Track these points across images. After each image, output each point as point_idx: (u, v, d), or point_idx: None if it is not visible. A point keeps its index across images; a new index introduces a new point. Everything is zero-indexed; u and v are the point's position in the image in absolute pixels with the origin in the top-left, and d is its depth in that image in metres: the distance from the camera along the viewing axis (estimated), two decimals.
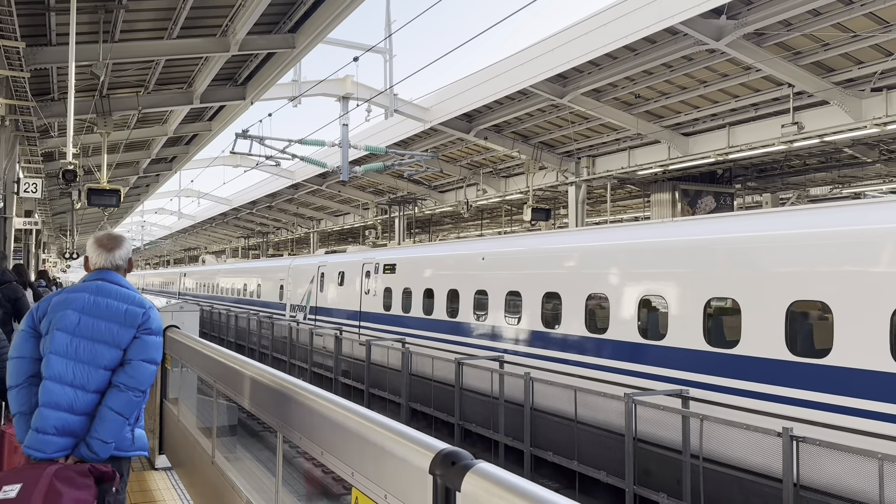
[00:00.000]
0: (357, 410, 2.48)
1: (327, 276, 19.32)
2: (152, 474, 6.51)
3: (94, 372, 2.90)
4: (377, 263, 16.38)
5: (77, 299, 2.97)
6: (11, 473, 2.75)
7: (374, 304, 16.29)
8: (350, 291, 17.67)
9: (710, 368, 7.81)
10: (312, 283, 20.18)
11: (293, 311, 21.52)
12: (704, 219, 11.54)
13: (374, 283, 16.34)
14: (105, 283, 3.07)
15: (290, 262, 23.26)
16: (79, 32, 10.00)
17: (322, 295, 19.50)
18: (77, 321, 2.91)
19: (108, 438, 2.85)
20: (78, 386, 2.86)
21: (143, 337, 3.02)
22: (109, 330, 2.95)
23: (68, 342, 2.88)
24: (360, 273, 17.17)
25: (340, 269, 18.62)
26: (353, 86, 18.79)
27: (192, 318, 6.44)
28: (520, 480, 1.60)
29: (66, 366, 2.86)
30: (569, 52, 14.51)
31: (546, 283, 10.87)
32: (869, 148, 16.54)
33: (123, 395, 2.90)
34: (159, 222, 59.53)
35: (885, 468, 5.59)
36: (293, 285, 21.92)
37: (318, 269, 20.02)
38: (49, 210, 28.50)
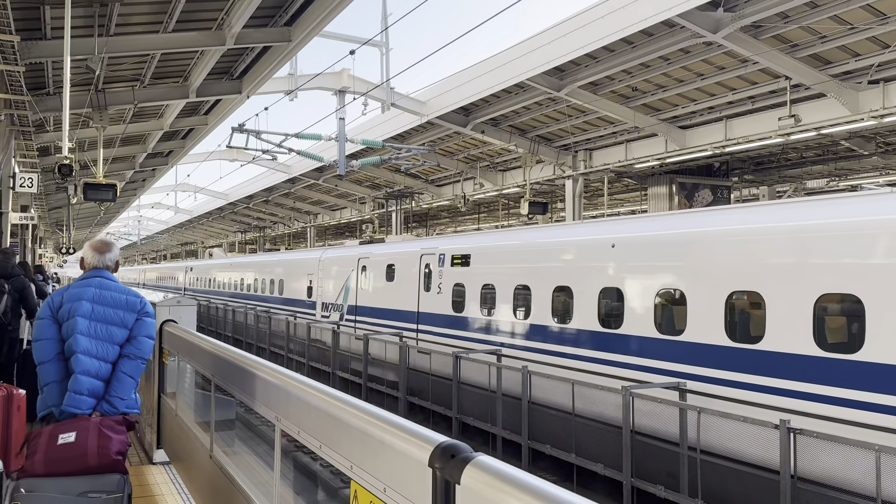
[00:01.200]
0: (356, 404, 2.48)
1: (371, 269, 16.81)
2: (150, 469, 6.51)
3: (111, 347, 3.73)
4: (442, 254, 13.79)
5: (87, 292, 3.77)
6: (63, 426, 3.42)
7: (438, 303, 13.72)
8: (404, 288, 15.06)
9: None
10: (351, 279, 17.61)
11: (326, 310, 19.01)
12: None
13: (438, 279, 13.77)
14: (103, 279, 3.90)
15: (321, 253, 20.40)
16: (74, 26, 9.95)
17: (364, 292, 16.96)
18: (91, 309, 3.72)
19: (124, 395, 3.69)
20: (100, 358, 3.68)
21: (143, 319, 3.90)
22: (117, 315, 3.80)
23: (88, 325, 3.68)
24: (418, 266, 14.55)
25: (389, 261, 16.05)
26: (350, 79, 18.74)
27: (189, 313, 6.43)
28: (520, 473, 1.60)
29: (91, 343, 3.66)
30: (566, 45, 14.49)
31: (738, 280, 7.97)
32: (866, 140, 16.56)
33: (133, 363, 3.77)
34: (156, 217, 59.44)
35: (881, 460, 5.61)
36: (325, 281, 19.34)
37: (357, 261, 17.41)
38: (45, 205, 28.41)
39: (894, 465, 5.58)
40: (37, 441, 3.37)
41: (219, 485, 4.20)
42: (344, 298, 18.00)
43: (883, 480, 5.61)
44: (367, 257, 17.17)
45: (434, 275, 13.88)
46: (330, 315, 18.53)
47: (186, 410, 5.69)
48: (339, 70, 18.82)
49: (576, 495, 1.45)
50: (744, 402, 7.37)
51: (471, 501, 1.69)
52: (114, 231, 69.37)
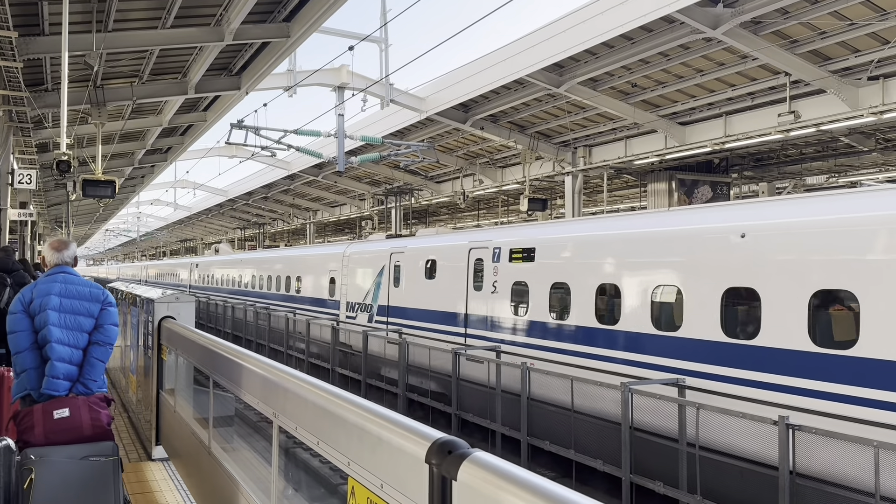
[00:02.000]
0: (353, 400, 2.48)
1: (407, 265, 14.95)
2: (149, 465, 6.51)
3: (80, 335, 4.11)
4: (497, 248, 12.00)
5: (54, 287, 4.12)
6: (54, 403, 3.87)
7: (492, 304, 11.96)
8: (448, 287, 13.25)
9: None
10: (382, 276, 15.79)
11: (352, 311, 17.11)
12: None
13: (492, 276, 11.93)
14: (67, 274, 4.24)
15: (345, 248, 18.40)
16: (72, 22, 9.92)
17: (398, 291, 15.15)
18: (59, 302, 4.08)
19: (96, 377, 4.11)
20: (72, 345, 4.05)
21: (107, 308, 4.25)
22: (83, 306, 4.16)
23: (59, 316, 4.05)
24: (467, 262, 12.74)
25: (429, 256, 14.19)
26: (349, 75, 18.72)
27: (187, 309, 6.43)
28: (516, 469, 1.60)
29: (62, 332, 4.03)
30: (565, 41, 14.47)
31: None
32: (865, 137, 16.55)
33: (102, 348, 4.17)
34: (155, 213, 59.38)
35: (880, 455, 5.61)
36: (351, 278, 17.46)
37: (390, 256, 15.60)
38: (44, 202, 28.37)
39: (893, 461, 5.59)
40: (30, 417, 3.81)
41: (217, 481, 4.20)
42: (373, 298, 16.09)
43: (882, 476, 5.61)
44: (401, 252, 15.24)
45: (487, 271, 12.06)
46: (357, 316, 16.66)
47: (185, 407, 5.69)
48: (338, 66, 18.79)
49: (571, 491, 1.44)
50: (745, 398, 7.37)
51: (467, 497, 1.69)
52: (113, 228, 69.44)
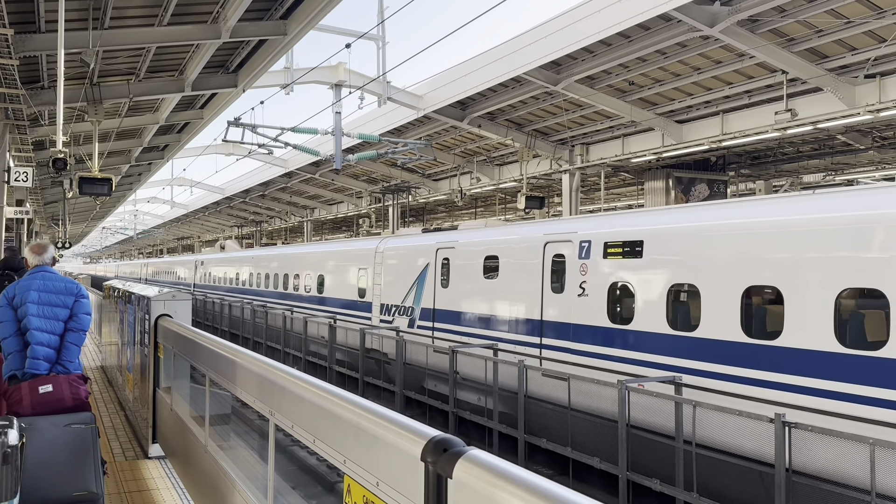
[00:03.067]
0: (348, 398, 2.48)
1: (457, 263, 13.16)
2: (145, 463, 6.51)
3: (57, 323, 4.78)
4: (585, 241, 10.05)
5: (34, 283, 4.82)
6: (39, 381, 4.50)
7: (580, 310, 9.99)
8: (515, 288, 11.51)
9: None
10: (426, 275, 14.01)
11: (388, 313, 15.35)
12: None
13: (579, 275, 10.08)
14: (45, 272, 4.95)
15: (378, 243, 16.53)
16: (68, 19, 9.90)
17: (447, 293, 13.32)
18: (38, 296, 4.76)
19: (72, 359, 4.78)
20: (50, 332, 4.72)
21: (80, 300, 4.92)
22: (59, 298, 4.84)
23: (38, 308, 4.74)
24: (541, 258, 10.92)
25: (489, 251, 12.35)
26: (346, 73, 18.70)
27: (184, 307, 6.42)
28: (511, 466, 1.60)
29: (41, 321, 4.72)
30: (562, 39, 14.47)
31: None
32: (862, 135, 16.56)
33: (76, 334, 4.83)
34: (152, 211, 59.27)
35: (875, 453, 5.63)
36: (386, 277, 15.65)
37: (435, 252, 13.78)
38: (41, 199, 28.33)
39: (888, 458, 5.60)
40: (18, 392, 4.46)
41: (214, 479, 4.20)
42: (415, 300, 14.30)
43: (877, 473, 5.62)
44: (450, 247, 13.47)
45: (570, 270, 10.21)
46: (394, 320, 14.91)
47: (181, 405, 5.69)
48: (336, 64, 18.76)
49: (566, 488, 1.44)
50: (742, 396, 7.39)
51: (462, 495, 1.69)
52: (110, 225, 69.28)
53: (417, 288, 14.31)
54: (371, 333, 14.08)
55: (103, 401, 9.55)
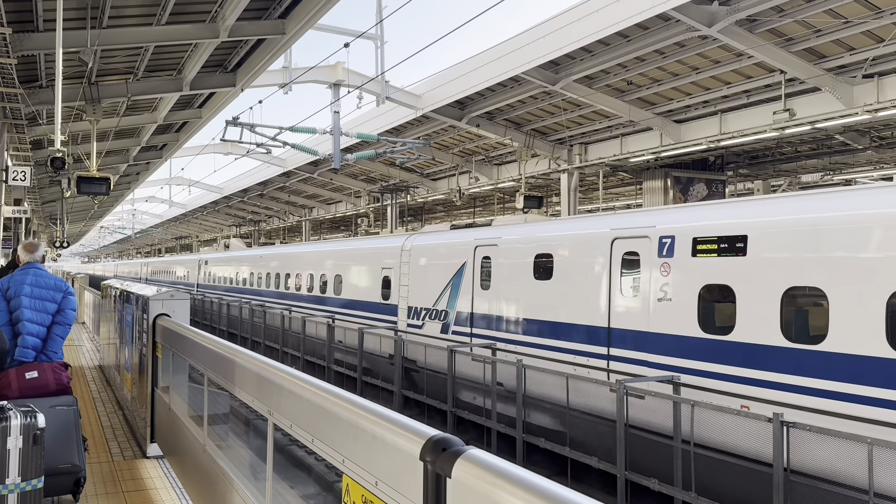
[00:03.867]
0: (347, 397, 2.47)
1: (501, 262, 11.82)
2: (143, 462, 6.50)
3: (46, 316, 5.38)
4: (667, 237, 8.71)
5: (26, 279, 5.40)
6: (25, 368, 5.05)
7: (659, 316, 8.66)
8: (574, 291, 10.16)
9: None
10: (463, 275, 12.65)
11: (416, 317, 13.96)
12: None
13: (660, 276, 8.71)
14: (37, 269, 5.53)
15: (405, 240, 15.07)
16: (66, 18, 9.88)
17: (488, 295, 11.99)
18: (30, 290, 5.36)
19: (56, 350, 5.41)
20: (39, 323, 5.33)
21: (67, 297, 5.50)
22: (49, 293, 5.43)
23: (30, 301, 5.33)
24: (608, 256, 9.59)
25: (541, 249, 11.01)
26: (345, 72, 18.69)
27: (182, 307, 6.42)
28: (510, 466, 1.60)
29: (32, 313, 5.32)
30: (561, 39, 14.48)
31: None
32: (860, 135, 16.58)
33: (62, 327, 5.45)
34: (150, 211, 59.25)
35: (874, 452, 5.64)
36: (414, 277, 14.29)
37: (474, 250, 12.46)
38: (39, 198, 28.28)
39: (886, 458, 5.61)
40: (6, 378, 4.94)
41: (212, 479, 4.20)
42: (449, 302, 12.92)
43: (875, 473, 5.63)
44: (491, 244, 12.12)
45: (648, 270, 8.90)
46: (423, 324, 13.62)
47: (180, 404, 5.69)
48: (334, 63, 18.76)
49: (565, 487, 1.45)
50: (740, 395, 7.39)
51: (461, 495, 1.69)
52: (108, 225, 69.21)
53: (452, 290, 12.93)
54: (405, 340, 13.01)
55: (101, 400, 9.53)
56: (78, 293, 26.79)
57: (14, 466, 3.94)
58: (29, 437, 4.02)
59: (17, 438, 3.97)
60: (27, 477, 4.00)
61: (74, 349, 15.29)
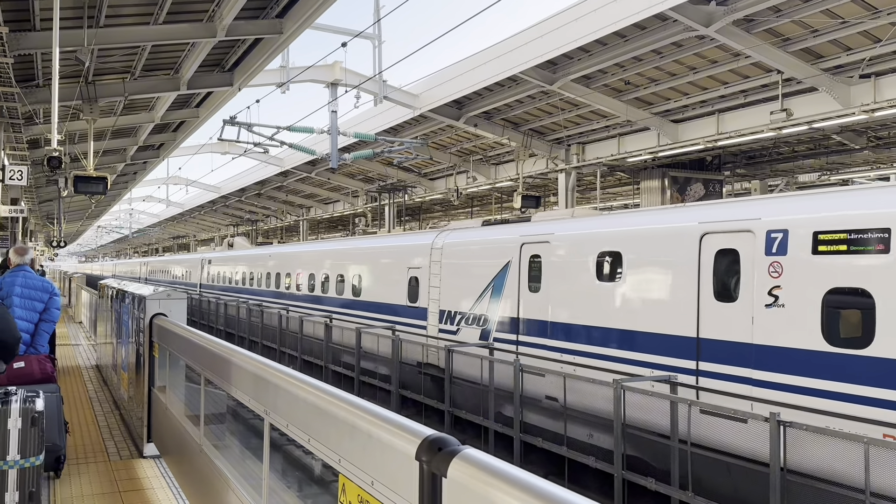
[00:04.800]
0: (343, 397, 2.47)
1: (554, 261, 10.57)
2: (140, 462, 6.49)
3: (34, 314, 6.11)
4: (779, 232, 7.47)
5: (17, 280, 6.13)
6: (15, 359, 5.49)
7: (766, 326, 7.44)
8: (651, 294, 8.97)
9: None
10: (506, 275, 11.41)
11: (450, 322, 12.76)
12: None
13: (763, 278, 7.50)
14: (26, 272, 6.23)
15: (435, 237, 13.80)
16: (63, 17, 9.87)
17: (537, 298, 10.73)
18: (21, 291, 6.08)
19: (43, 343, 6.14)
20: (28, 320, 6.04)
21: (53, 297, 6.22)
22: (36, 293, 6.14)
23: (20, 301, 6.03)
24: (696, 254, 8.38)
25: (606, 245, 9.72)
26: (342, 72, 18.67)
27: (179, 307, 6.41)
28: (505, 465, 1.60)
29: (22, 311, 6.00)
30: (558, 39, 14.47)
31: None
32: (857, 135, 16.61)
33: (48, 324, 6.20)
34: (147, 210, 59.14)
35: (870, 452, 5.65)
36: (447, 278, 13.03)
37: (520, 248, 11.24)
38: (35, 198, 28.25)
39: (883, 457, 5.62)
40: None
41: (209, 478, 4.19)
42: (490, 306, 11.72)
43: (872, 472, 5.64)
44: (542, 241, 10.84)
45: (752, 271, 7.66)
46: (458, 330, 12.45)
47: (176, 404, 5.68)
48: (332, 62, 18.73)
49: (560, 487, 1.44)
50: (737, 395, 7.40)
51: (457, 494, 1.69)
52: (105, 224, 69.13)
53: (493, 292, 11.68)
54: (427, 346, 12.27)
55: (98, 400, 9.52)
56: (75, 292, 26.72)
57: (14, 445, 4.42)
58: (28, 419, 4.50)
59: (17, 420, 4.45)
60: (26, 455, 4.47)
61: (71, 348, 15.26)
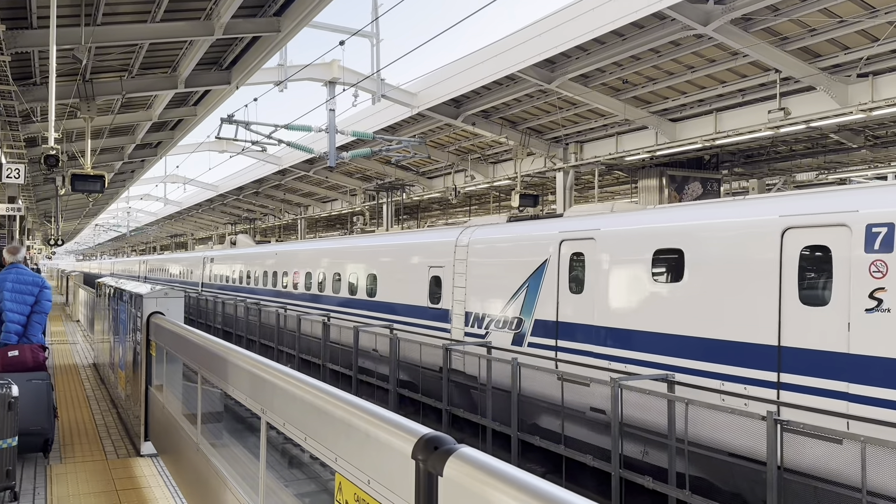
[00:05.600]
0: (340, 396, 2.47)
1: (598, 258, 9.63)
2: (137, 461, 6.49)
3: (25, 307, 6.68)
4: (885, 226, 6.71)
5: (9, 276, 6.73)
6: (9, 347, 6.42)
7: (867, 334, 6.67)
8: (719, 296, 8.08)
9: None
10: (543, 275, 10.53)
11: (476, 325, 11.92)
12: None
13: (863, 279, 6.75)
14: (18, 268, 6.84)
15: (460, 234, 12.96)
16: (60, 15, 9.84)
17: (580, 300, 9.85)
18: (12, 286, 6.67)
19: (36, 334, 6.71)
20: (19, 313, 6.64)
21: (43, 290, 6.80)
22: (27, 288, 6.74)
23: (11, 295, 6.62)
24: (777, 251, 7.60)
25: (663, 242, 8.82)
26: (340, 70, 18.66)
27: (176, 305, 6.41)
28: (501, 464, 1.60)
29: (14, 305, 6.62)
30: (557, 37, 14.47)
31: None
32: (854, 134, 16.63)
33: (39, 315, 6.76)
34: (145, 208, 59.07)
35: (867, 451, 5.66)
36: (473, 278, 12.20)
37: (558, 246, 10.37)
38: (33, 196, 28.21)
39: (879, 456, 5.63)
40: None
41: (206, 477, 4.19)
42: (524, 309, 10.86)
43: (868, 471, 5.65)
44: (585, 237, 9.94)
45: (848, 270, 6.87)
46: (488, 334, 11.60)
47: (174, 403, 5.68)
48: (329, 61, 18.72)
49: (557, 486, 1.44)
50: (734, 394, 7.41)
51: (453, 493, 1.69)
52: (102, 222, 69.02)
53: (528, 293, 10.80)
54: (453, 350, 11.28)
55: (95, 398, 9.51)
56: (72, 291, 26.68)
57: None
58: (4, 404, 4.97)
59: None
60: (3, 436, 4.84)
61: (69, 346, 15.25)
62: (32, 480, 5.82)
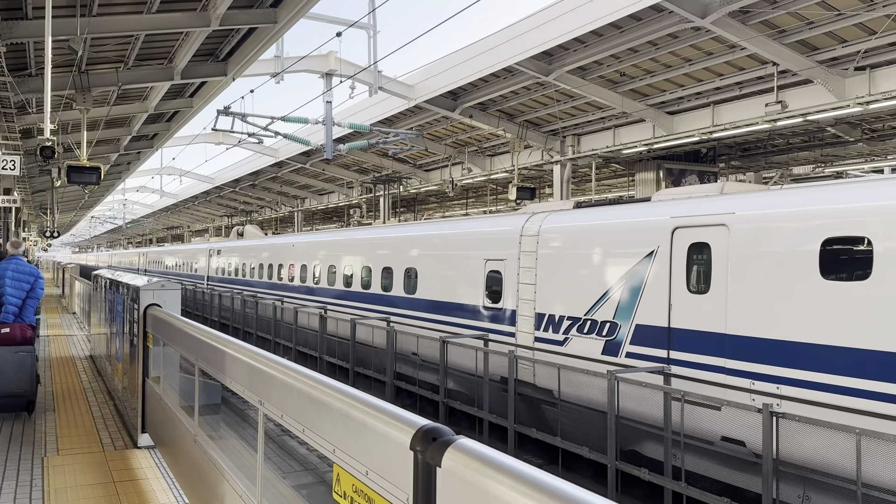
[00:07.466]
0: (338, 387, 2.47)
1: (732, 249, 7.72)
2: (135, 453, 6.50)
3: (22, 293, 8.13)
4: None
5: (9, 266, 8.12)
6: (3, 325, 7.67)
7: None
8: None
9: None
10: (648, 272, 8.66)
11: (554, 329, 10.03)
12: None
13: None
14: (18, 260, 8.27)
15: (526, 221, 11.01)
16: (55, 6, 9.79)
17: (703, 301, 7.97)
18: (12, 275, 8.08)
19: (29, 315, 8.18)
20: (17, 297, 8.08)
21: (38, 280, 8.25)
22: (24, 276, 8.16)
23: (11, 282, 8.05)
24: None
25: (835, 228, 6.76)
26: (337, 62, 18.61)
27: (173, 297, 6.40)
28: (499, 455, 1.60)
29: (14, 290, 8.05)
30: (554, 30, 14.45)
31: None
32: (851, 127, 16.65)
33: (33, 300, 8.22)
34: (141, 201, 58.96)
35: (861, 443, 5.68)
36: (547, 272, 10.33)
37: (671, 233, 8.48)
38: (29, 188, 28.10)
39: (874, 448, 5.66)
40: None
41: (203, 468, 4.19)
42: (619, 311, 9.02)
43: (863, 462, 5.68)
44: (713, 223, 8.02)
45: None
46: (568, 340, 9.77)
47: (171, 395, 5.68)
48: (326, 53, 18.67)
49: (554, 476, 1.45)
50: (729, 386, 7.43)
51: (451, 484, 1.69)
52: (99, 215, 68.87)
53: (625, 292, 8.97)
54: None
55: (92, 390, 9.51)
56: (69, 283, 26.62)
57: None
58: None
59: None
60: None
61: (65, 339, 15.23)
62: (29, 472, 5.82)
